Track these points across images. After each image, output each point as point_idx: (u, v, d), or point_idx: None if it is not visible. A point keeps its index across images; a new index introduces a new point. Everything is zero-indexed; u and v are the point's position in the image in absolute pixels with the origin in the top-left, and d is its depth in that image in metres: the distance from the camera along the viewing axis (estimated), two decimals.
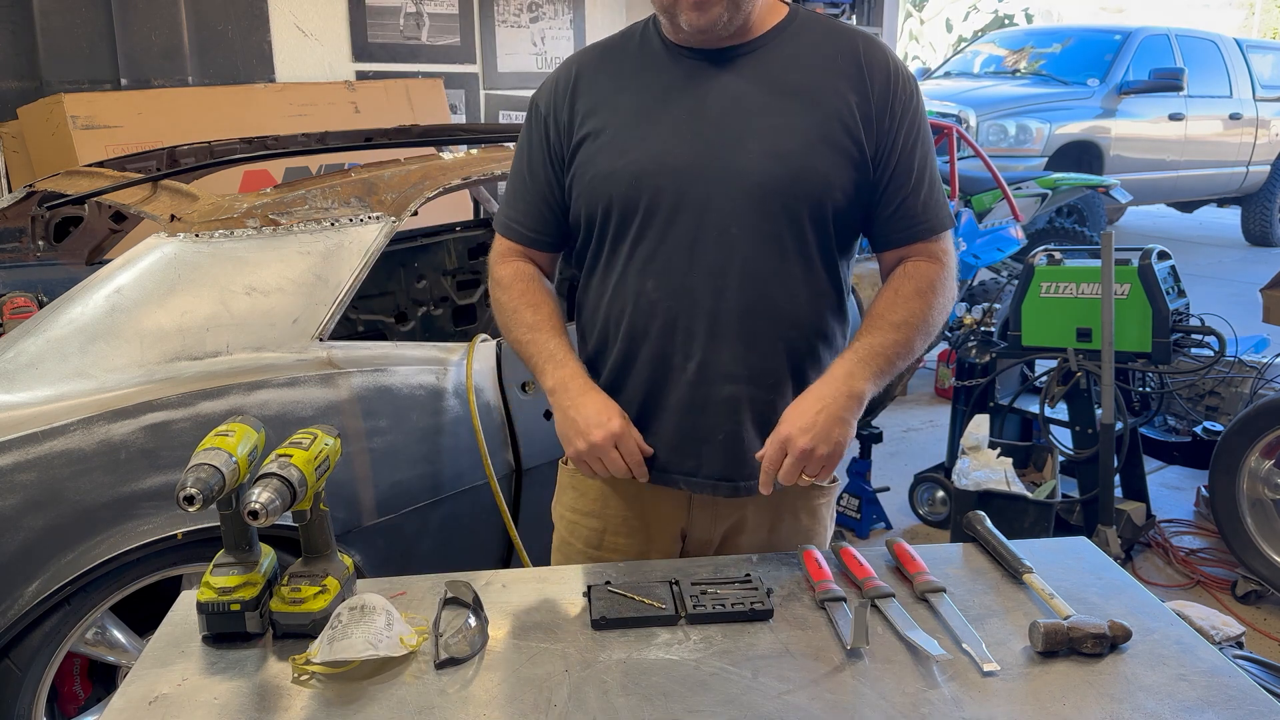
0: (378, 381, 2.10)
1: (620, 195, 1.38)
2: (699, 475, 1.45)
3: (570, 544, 1.58)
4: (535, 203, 1.49)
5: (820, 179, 1.36)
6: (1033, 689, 1.10)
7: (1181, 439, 3.58)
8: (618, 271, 1.43)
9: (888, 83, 1.38)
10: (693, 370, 1.40)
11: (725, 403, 1.41)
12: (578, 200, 1.44)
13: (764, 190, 1.35)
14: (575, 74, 1.45)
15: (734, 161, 1.35)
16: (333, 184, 2.17)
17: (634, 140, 1.38)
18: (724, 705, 1.07)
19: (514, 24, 6.09)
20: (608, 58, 1.46)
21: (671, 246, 1.38)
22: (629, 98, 1.41)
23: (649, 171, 1.37)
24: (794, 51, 1.39)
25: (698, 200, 1.36)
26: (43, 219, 2.98)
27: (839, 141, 1.36)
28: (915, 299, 1.40)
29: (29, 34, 4.59)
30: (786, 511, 1.52)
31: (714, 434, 1.43)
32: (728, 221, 1.36)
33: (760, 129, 1.35)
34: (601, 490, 1.53)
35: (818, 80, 1.37)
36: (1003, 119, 7.32)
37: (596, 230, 1.44)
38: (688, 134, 1.37)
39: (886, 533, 3.49)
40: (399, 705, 1.08)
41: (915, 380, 5.04)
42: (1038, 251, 3.27)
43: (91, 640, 1.92)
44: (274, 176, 4.44)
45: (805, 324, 1.42)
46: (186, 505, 1.10)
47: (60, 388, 1.83)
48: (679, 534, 1.53)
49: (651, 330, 1.41)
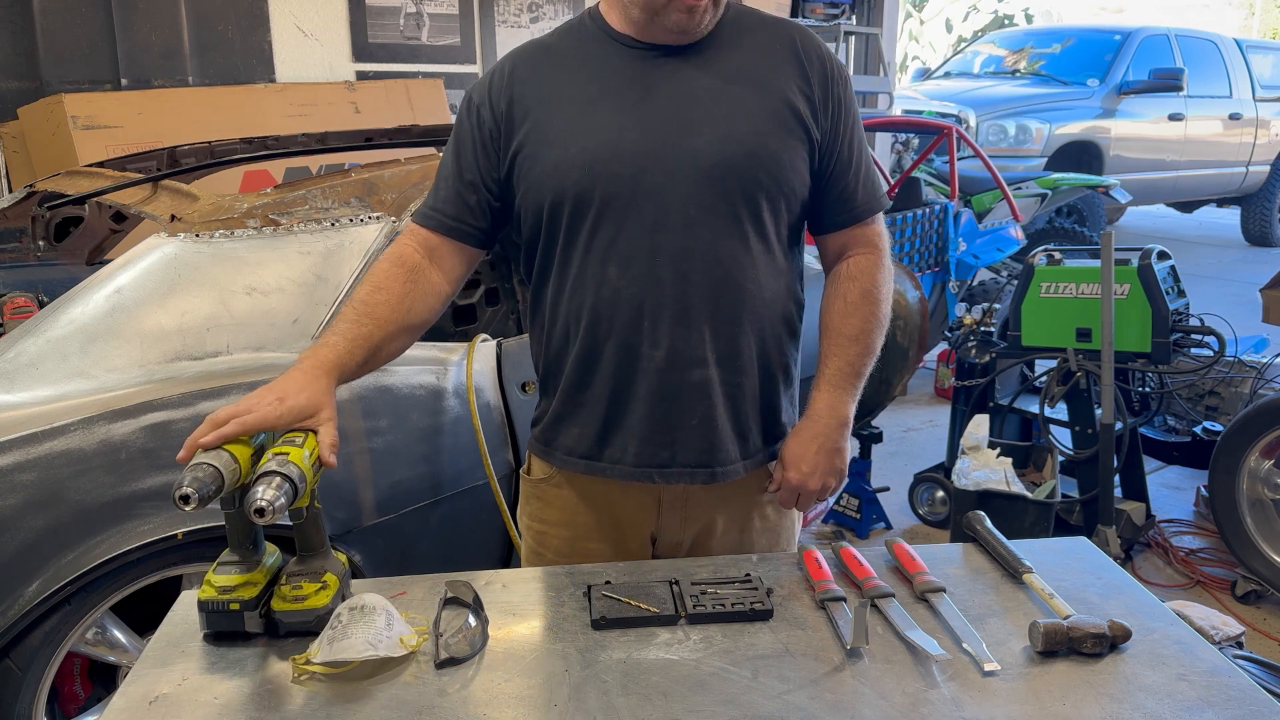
0: (378, 381, 2.10)
1: (574, 185, 1.36)
2: (674, 465, 1.44)
3: (541, 554, 1.57)
4: (460, 191, 1.43)
5: (773, 159, 1.38)
6: (1033, 689, 1.10)
7: (1181, 439, 3.58)
8: (575, 264, 1.40)
9: (824, 70, 1.42)
10: (661, 357, 1.39)
11: (696, 387, 1.41)
12: (525, 196, 1.41)
13: (721, 171, 1.35)
14: (511, 69, 1.43)
15: (688, 145, 1.35)
16: (333, 184, 2.17)
17: (583, 130, 1.36)
18: (724, 705, 1.07)
19: (514, 24, 6.09)
20: (546, 53, 1.45)
21: (631, 233, 1.36)
22: (574, 90, 1.39)
23: (602, 159, 1.35)
24: (734, 39, 1.41)
25: (655, 185, 1.35)
26: (43, 219, 2.98)
27: (788, 123, 1.38)
28: (864, 303, 1.46)
29: (29, 34, 4.59)
30: (755, 511, 1.53)
31: (687, 419, 1.42)
32: (686, 204, 1.35)
33: (712, 113, 1.36)
34: (569, 499, 1.52)
35: (761, 66, 1.39)
36: (1003, 119, 7.33)
37: (547, 224, 1.41)
38: (639, 121, 1.36)
39: (886, 533, 3.49)
40: (399, 705, 1.08)
41: (915, 380, 5.04)
42: (1038, 251, 3.27)
43: (91, 640, 1.92)
44: (274, 176, 4.44)
45: (769, 304, 1.43)
46: (182, 505, 1.10)
47: (60, 388, 1.83)
48: (649, 538, 1.52)
49: (617, 320, 1.39)
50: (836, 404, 1.45)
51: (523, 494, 1.60)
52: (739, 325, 1.41)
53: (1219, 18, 20.25)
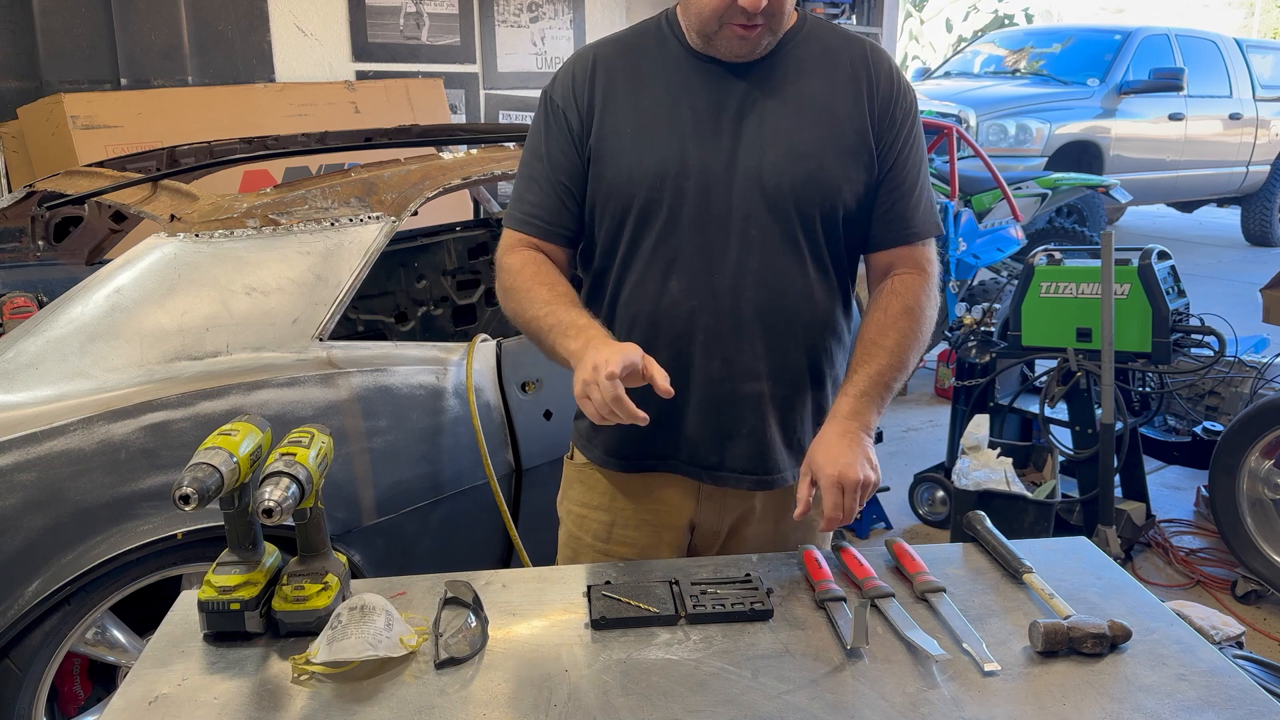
0: (378, 381, 2.10)
1: (643, 196, 1.39)
2: (724, 469, 1.47)
3: (579, 538, 1.58)
4: (555, 195, 1.45)
5: (833, 182, 1.39)
6: (1033, 689, 1.10)
7: (1181, 439, 3.58)
8: (637, 272, 1.43)
9: (891, 89, 1.43)
10: (716, 368, 1.43)
11: (748, 399, 1.44)
12: (595, 196, 1.44)
13: (781, 193, 1.38)
14: (593, 65, 1.45)
15: (752, 165, 1.38)
16: (333, 184, 2.17)
17: (656, 141, 1.39)
18: (724, 705, 1.07)
19: (514, 24, 6.09)
20: (625, 53, 1.46)
21: (693, 248, 1.40)
22: (649, 99, 1.42)
23: (672, 174, 1.38)
24: (806, 58, 1.42)
25: (719, 203, 1.38)
26: (43, 219, 2.97)
27: (850, 145, 1.40)
28: (904, 318, 1.43)
29: (29, 34, 4.59)
30: (791, 503, 1.52)
31: (739, 428, 1.45)
32: (747, 224, 1.39)
33: (776, 133, 1.38)
34: (610, 484, 1.54)
35: (828, 86, 1.41)
36: (1003, 119, 7.32)
37: (614, 229, 1.44)
38: (709, 137, 1.39)
39: (886, 533, 3.49)
40: (399, 705, 1.08)
41: (915, 380, 5.04)
42: (1038, 251, 3.27)
43: (91, 640, 1.92)
44: (274, 176, 4.44)
45: (820, 322, 1.46)
46: (182, 504, 1.10)
47: (60, 388, 1.82)
48: (688, 525, 1.54)
49: (674, 330, 1.42)
50: (860, 411, 1.38)
51: (565, 479, 1.62)
52: (792, 341, 1.44)
53: (1219, 18, 20.26)
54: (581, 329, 1.32)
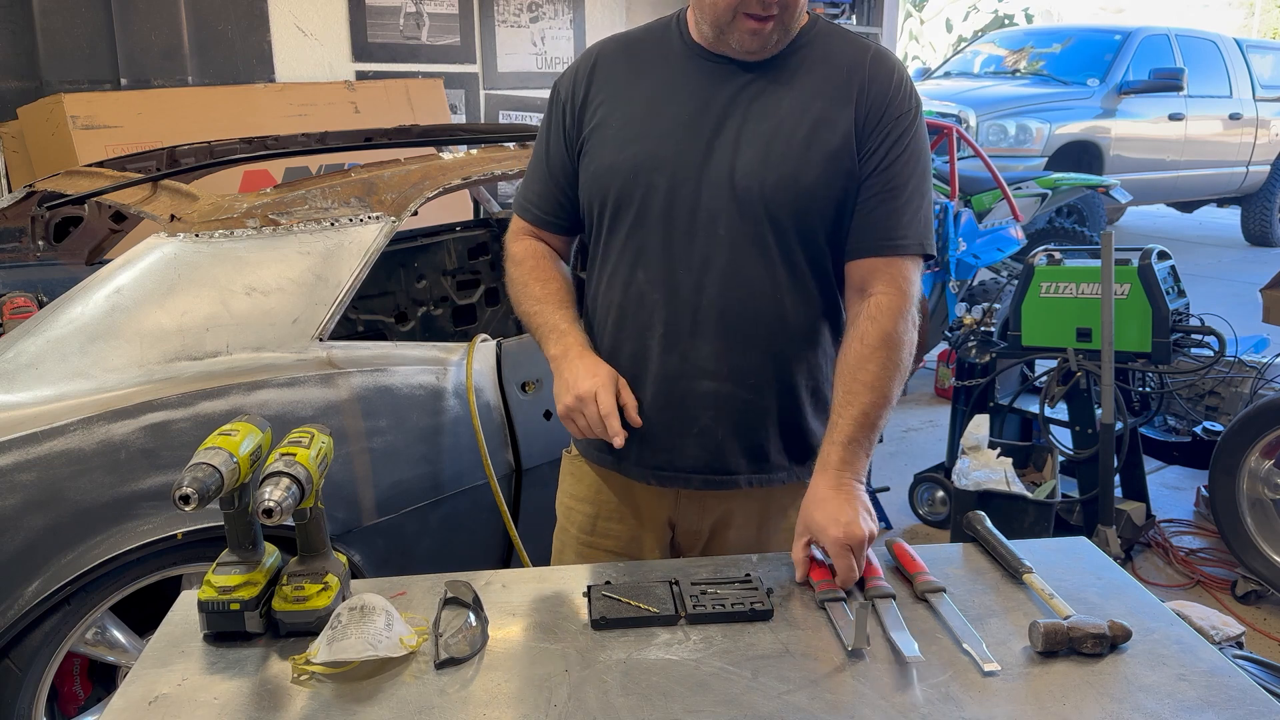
0: (378, 381, 2.10)
1: (618, 187, 1.41)
2: (671, 469, 1.48)
3: (566, 530, 1.61)
4: (549, 186, 1.52)
5: (803, 190, 1.37)
6: (1033, 689, 1.10)
7: (1181, 439, 3.58)
8: (612, 262, 1.46)
9: (885, 94, 1.39)
10: (673, 364, 1.43)
11: (703, 398, 1.43)
12: (583, 190, 1.48)
13: (751, 195, 1.37)
14: (594, 62, 1.48)
15: (725, 164, 1.37)
16: (333, 184, 2.17)
17: (637, 134, 1.41)
18: (724, 705, 1.07)
19: (514, 24, 6.09)
20: (628, 49, 1.49)
21: (661, 241, 1.41)
22: (640, 91, 1.43)
23: (646, 166, 1.39)
24: (807, 61, 1.41)
25: (689, 198, 1.39)
26: (43, 219, 2.97)
27: (833, 150, 1.37)
28: (882, 348, 1.37)
29: (29, 34, 4.59)
30: (775, 510, 1.53)
31: (689, 428, 1.45)
32: (715, 222, 1.38)
33: (756, 135, 1.37)
34: (595, 477, 1.56)
35: (821, 90, 1.39)
36: (1003, 119, 7.32)
37: (596, 221, 1.48)
38: (688, 132, 1.39)
39: (886, 533, 3.49)
40: (399, 705, 1.08)
41: (915, 380, 5.04)
42: (1038, 251, 3.27)
43: (91, 640, 1.92)
44: (274, 176, 4.44)
45: (791, 328, 1.43)
46: (182, 505, 1.10)
47: (60, 388, 1.82)
48: (667, 522, 1.55)
49: (638, 322, 1.44)
50: (850, 458, 1.35)
51: (561, 470, 1.64)
52: (754, 344, 1.42)
53: (1219, 18, 20.26)
54: (562, 334, 1.43)
